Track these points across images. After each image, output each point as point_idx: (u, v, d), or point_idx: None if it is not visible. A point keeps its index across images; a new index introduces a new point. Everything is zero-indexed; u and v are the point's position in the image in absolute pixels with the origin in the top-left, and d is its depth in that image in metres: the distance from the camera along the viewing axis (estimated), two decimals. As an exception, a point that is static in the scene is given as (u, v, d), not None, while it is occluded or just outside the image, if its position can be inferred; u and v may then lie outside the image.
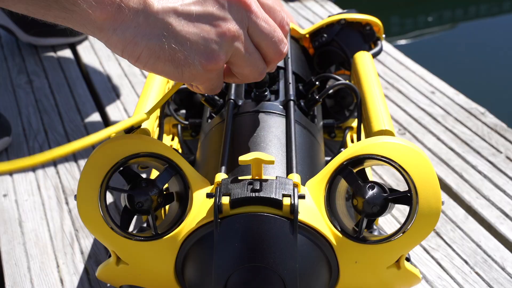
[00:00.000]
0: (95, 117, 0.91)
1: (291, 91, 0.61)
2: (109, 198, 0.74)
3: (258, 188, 0.45)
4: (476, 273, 0.63)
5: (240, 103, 0.60)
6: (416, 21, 2.26)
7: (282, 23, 0.52)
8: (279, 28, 0.50)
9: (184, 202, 0.51)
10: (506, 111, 1.44)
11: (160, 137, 0.64)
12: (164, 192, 0.51)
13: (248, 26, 0.47)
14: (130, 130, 0.52)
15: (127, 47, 0.44)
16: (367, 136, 0.60)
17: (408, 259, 0.53)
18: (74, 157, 0.82)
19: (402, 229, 0.47)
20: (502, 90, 1.74)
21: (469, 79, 1.76)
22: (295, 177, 0.48)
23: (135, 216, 0.60)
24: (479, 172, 0.78)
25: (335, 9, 1.27)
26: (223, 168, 0.50)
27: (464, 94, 0.96)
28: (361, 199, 0.48)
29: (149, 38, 0.43)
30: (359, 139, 0.65)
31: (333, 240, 0.47)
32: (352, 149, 0.49)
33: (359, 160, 0.49)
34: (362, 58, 0.70)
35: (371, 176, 0.68)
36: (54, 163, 0.81)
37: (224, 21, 0.45)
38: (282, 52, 0.50)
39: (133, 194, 0.49)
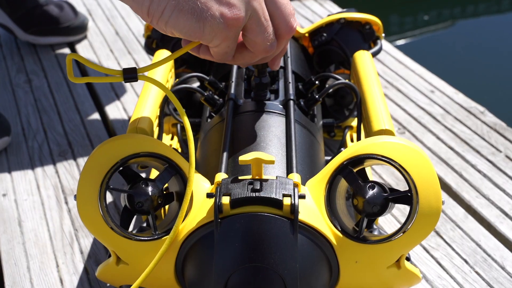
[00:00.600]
0: (95, 116, 0.91)
1: (291, 90, 0.61)
2: (109, 197, 0.74)
3: (258, 188, 0.45)
4: (476, 272, 0.63)
5: (240, 103, 0.60)
6: (415, 20, 2.26)
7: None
8: None
9: (184, 202, 0.51)
10: (505, 110, 1.44)
11: (159, 136, 0.64)
12: (164, 192, 0.51)
13: None
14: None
15: (154, 1, 0.45)
16: (367, 135, 0.59)
17: (408, 259, 0.53)
18: (73, 156, 0.82)
19: (402, 228, 0.47)
20: (502, 89, 1.74)
21: (468, 78, 1.75)
22: (295, 177, 0.48)
23: (135, 216, 0.60)
24: (479, 171, 0.78)
25: (334, 8, 1.27)
26: (223, 167, 0.50)
27: (463, 93, 0.96)
28: (362, 199, 0.48)
29: None
30: (359, 138, 0.65)
31: (333, 240, 0.47)
32: (352, 148, 0.49)
33: (359, 159, 0.49)
34: (362, 57, 0.70)
35: (371, 176, 0.68)
36: (54, 162, 0.81)
37: None
38: (292, 26, 0.50)
39: (133, 194, 0.49)
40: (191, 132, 0.49)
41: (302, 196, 0.46)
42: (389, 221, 0.70)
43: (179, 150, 0.72)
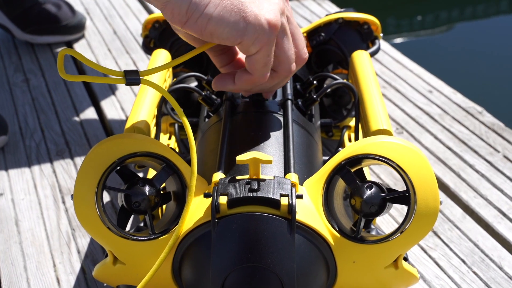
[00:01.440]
0: (92, 115, 0.91)
1: (289, 90, 0.61)
2: (106, 197, 0.74)
3: (255, 188, 0.45)
4: (474, 272, 0.63)
5: (237, 102, 0.60)
6: (413, 20, 2.26)
7: (303, 50, 0.54)
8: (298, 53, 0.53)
9: (181, 201, 0.50)
10: (503, 110, 1.44)
11: (157, 136, 0.64)
12: (161, 192, 0.51)
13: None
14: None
15: None
16: (365, 135, 0.59)
17: (406, 259, 0.53)
18: (70, 155, 0.82)
19: (400, 229, 0.47)
20: (500, 89, 1.74)
21: (466, 78, 1.76)
22: (293, 176, 0.48)
23: (132, 216, 0.60)
24: (477, 171, 0.78)
25: (332, 7, 1.27)
26: (221, 167, 0.50)
27: (461, 93, 0.96)
28: (359, 199, 0.48)
29: None
30: (357, 138, 0.65)
31: (331, 240, 0.47)
32: (350, 148, 0.49)
33: (357, 159, 0.49)
34: (360, 57, 0.70)
35: (369, 175, 0.68)
36: (51, 162, 0.81)
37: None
38: (291, 70, 0.52)
39: (130, 194, 0.49)
40: (194, 142, 0.49)
41: (299, 196, 0.46)
42: (387, 221, 0.70)
43: (177, 149, 0.72)
